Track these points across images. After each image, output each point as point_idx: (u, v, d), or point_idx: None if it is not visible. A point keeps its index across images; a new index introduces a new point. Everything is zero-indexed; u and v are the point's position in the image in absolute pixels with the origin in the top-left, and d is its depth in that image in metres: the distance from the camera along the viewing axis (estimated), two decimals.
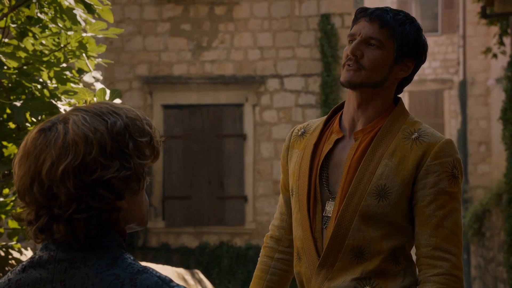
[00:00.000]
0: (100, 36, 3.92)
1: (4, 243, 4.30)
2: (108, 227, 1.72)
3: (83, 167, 1.67)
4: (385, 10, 2.65)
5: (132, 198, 1.74)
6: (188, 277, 7.32)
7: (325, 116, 2.81)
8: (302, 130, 2.84)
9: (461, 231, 2.61)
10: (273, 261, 2.89)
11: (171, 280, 1.70)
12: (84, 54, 3.94)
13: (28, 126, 3.79)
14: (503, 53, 12.62)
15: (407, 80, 2.74)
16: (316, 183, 2.69)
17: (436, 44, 24.16)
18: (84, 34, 3.89)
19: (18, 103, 3.65)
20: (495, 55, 13.18)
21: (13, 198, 4.14)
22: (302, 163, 2.75)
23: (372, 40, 2.63)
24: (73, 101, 3.87)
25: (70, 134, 1.68)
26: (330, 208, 2.66)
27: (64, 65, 3.90)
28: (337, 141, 2.72)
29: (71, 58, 3.95)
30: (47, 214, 1.69)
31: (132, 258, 1.73)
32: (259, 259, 2.92)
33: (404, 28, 2.64)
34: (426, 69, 24.18)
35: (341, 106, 2.79)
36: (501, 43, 12.41)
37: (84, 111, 1.73)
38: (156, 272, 1.71)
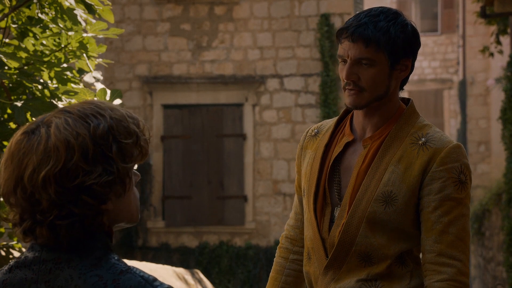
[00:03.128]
0: (101, 36, 3.93)
1: (5, 243, 4.30)
2: (92, 229, 1.71)
3: (65, 173, 1.66)
4: (365, 24, 2.57)
5: (118, 200, 1.73)
6: (188, 277, 7.32)
7: (337, 117, 2.81)
8: (316, 130, 2.84)
9: (468, 237, 2.60)
10: (287, 262, 2.89)
11: (155, 279, 1.69)
12: (84, 54, 3.95)
13: None
14: (500, 52, 12.63)
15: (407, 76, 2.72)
16: (326, 186, 2.70)
17: (436, 44, 24.17)
18: (84, 35, 3.90)
19: (19, 103, 3.66)
20: (491, 54, 13.19)
21: None
22: (313, 164, 2.75)
23: (363, 60, 2.58)
24: (73, 101, 3.88)
25: (52, 139, 1.67)
26: (337, 214, 2.66)
27: (65, 65, 3.90)
28: (348, 144, 2.71)
29: (72, 58, 3.95)
30: (31, 219, 1.69)
31: (116, 258, 1.72)
32: (274, 259, 2.93)
33: (389, 35, 2.58)
34: (426, 69, 24.19)
35: None
36: (498, 42, 12.42)
37: (68, 113, 1.71)
38: (140, 271, 1.70)
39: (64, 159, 1.65)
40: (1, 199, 4.10)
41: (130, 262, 6.43)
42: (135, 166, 1.79)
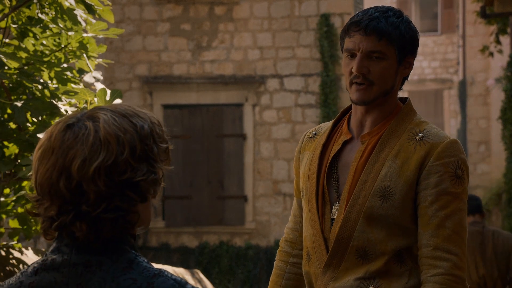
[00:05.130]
0: (101, 36, 3.93)
1: (5, 243, 4.31)
2: (125, 230, 1.71)
3: (115, 167, 1.66)
4: (377, 18, 2.62)
5: (146, 202, 1.74)
6: (188, 277, 7.32)
7: (334, 118, 2.83)
8: (314, 132, 2.86)
9: (465, 231, 2.60)
10: (288, 265, 2.90)
11: (186, 283, 1.70)
12: (84, 54, 3.95)
13: (29, 126, 3.80)
14: (500, 51, 12.63)
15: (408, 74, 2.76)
16: (324, 184, 2.71)
17: (436, 44, 24.17)
18: (84, 35, 3.90)
19: (19, 103, 3.66)
20: (491, 54, 13.19)
21: (14, 198, 4.15)
22: (312, 164, 2.76)
23: (374, 54, 2.62)
24: (73, 101, 3.88)
25: (101, 132, 1.67)
26: (336, 210, 2.67)
27: (65, 65, 3.91)
28: (346, 143, 2.73)
29: (72, 58, 3.96)
30: (73, 211, 1.67)
31: (146, 260, 1.72)
32: (274, 263, 2.95)
33: (400, 31, 2.63)
34: (426, 69, 24.18)
35: (350, 107, 2.80)
36: (498, 41, 12.42)
37: (111, 111, 1.72)
38: (171, 274, 1.70)
39: (116, 153, 1.66)
40: (2, 198, 4.10)
41: None
42: None
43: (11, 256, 4.23)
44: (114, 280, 1.67)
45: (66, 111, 3.74)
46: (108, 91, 3.74)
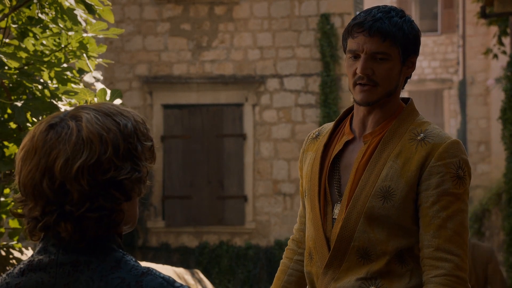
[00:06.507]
0: (101, 36, 3.93)
1: (5, 243, 4.31)
2: (111, 229, 1.71)
3: (98, 166, 1.66)
4: (381, 19, 2.61)
5: (130, 201, 1.74)
6: (188, 276, 7.32)
7: (337, 118, 2.82)
8: (317, 133, 2.87)
9: (466, 232, 2.60)
10: (291, 262, 2.93)
11: (174, 281, 1.70)
12: (84, 54, 3.95)
13: (29, 126, 3.80)
14: (504, 53, 12.62)
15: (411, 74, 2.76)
16: (326, 184, 2.71)
17: (436, 44, 24.17)
18: (84, 35, 3.90)
19: (19, 103, 3.66)
20: (495, 56, 13.17)
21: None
22: (314, 164, 2.77)
23: (378, 55, 2.61)
24: (73, 101, 3.88)
25: (84, 132, 1.67)
26: (338, 210, 2.67)
27: (65, 65, 3.90)
28: (348, 143, 2.73)
29: (72, 58, 3.96)
30: (57, 211, 1.66)
31: (133, 259, 1.72)
32: (281, 261, 2.98)
33: (403, 31, 2.62)
34: (426, 69, 24.19)
35: (353, 107, 2.79)
36: (501, 43, 12.41)
37: (95, 110, 1.72)
38: (159, 273, 1.70)
39: (99, 152, 1.66)
40: (2, 198, 4.10)
41: None
42: None
43: (11, 256, 4.23)
44: (102, 279, 1.67)
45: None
46: (108, 91, 3.74)
